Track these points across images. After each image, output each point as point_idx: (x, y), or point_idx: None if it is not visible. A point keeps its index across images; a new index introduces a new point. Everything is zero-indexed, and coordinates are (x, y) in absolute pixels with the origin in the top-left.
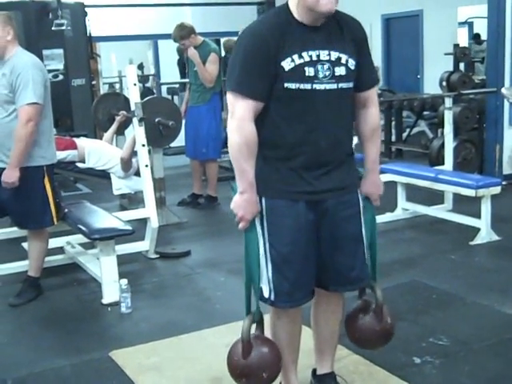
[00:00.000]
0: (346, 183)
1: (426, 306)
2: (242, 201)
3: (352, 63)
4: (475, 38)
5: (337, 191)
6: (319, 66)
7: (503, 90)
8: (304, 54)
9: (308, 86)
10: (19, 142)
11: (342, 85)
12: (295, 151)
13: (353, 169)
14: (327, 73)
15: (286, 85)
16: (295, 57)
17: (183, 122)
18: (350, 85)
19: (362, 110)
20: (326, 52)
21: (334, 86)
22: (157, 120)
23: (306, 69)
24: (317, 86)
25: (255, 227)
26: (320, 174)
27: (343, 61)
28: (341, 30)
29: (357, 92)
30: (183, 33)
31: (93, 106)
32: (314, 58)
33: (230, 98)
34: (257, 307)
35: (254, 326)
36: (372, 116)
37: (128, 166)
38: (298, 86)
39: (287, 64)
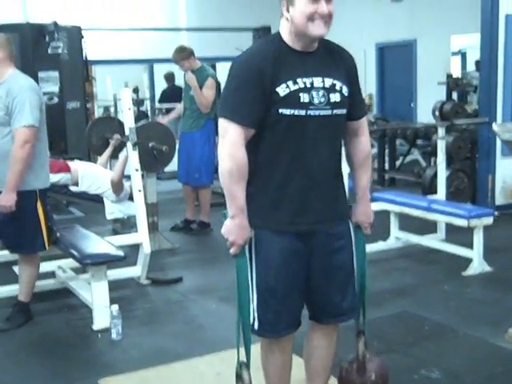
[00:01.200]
0: (337, 214)
1: (418, 338)
2: (233, 226)
3: (346, 90)
4: (476, 65)
5: (327, 223)
6: (314, 93)
7: (494, 127)
8: (298, 80)
9: (302, 112)
10: (16, 164)
11: (337, 111)
12: (288, 176)
13: (343, 198)
14: (322, 99)
15: (280, 110)
16: (290, 83)
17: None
18: (344, 111)
19: (353, 139)
20: (320, 79)
21: (329, 112)
22: (150, 145)
23: (301, 95)
24: (311, 112)
25: (245, 254)
26: (310, 205)
27: (337, 87)
28: (333, 58)
29: (349, 121)
30: (183, 54)
31: (87, 130)
32: (308, 85)
33: (222, 123)
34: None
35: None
36: (363, 144)
37: (119, 188)
38: (292, 111)
39: (282, 90)
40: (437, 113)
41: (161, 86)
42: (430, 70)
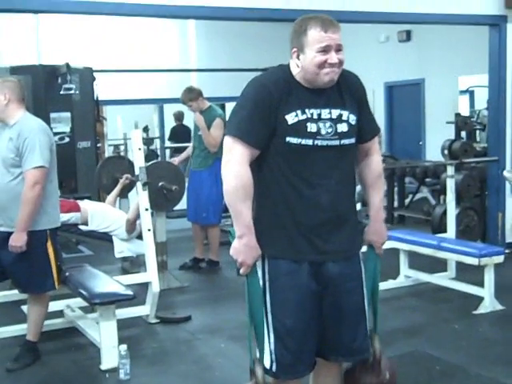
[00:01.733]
0: (350, 248)
1: (429, 378)
2: (241, 245)
3: (353, 119)
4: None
5: (340, 253)
6: (321, 124)
7: (505, 173)
8: (306, 110)
9: (310, 142)
10: (26, 205)
11: (345, 141)
12: (297, 206)
13: (356, 231)
14: (329, 130)
15: (287, 139)
16: (299, 112)
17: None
18: (352, 140)
19: (364, 158)
20: (327, 111)
21: (337, 143)
22: (160, 184)
23: (309, 124)
24: (319, 143)
25: (257, 272)
26: (322, 233)
27: (344, 117)
28: (340, 88)
29: (359, 144)
30: (192, 95)
31: (97, 169)
32: (315, 117)
33: (228, 142)
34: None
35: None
36: (375, 163)
37: (133, 227)
38: (299, 141)
39: (291, 118)
40: (446, 151)
41: (170, 125)
42: (439, 109)
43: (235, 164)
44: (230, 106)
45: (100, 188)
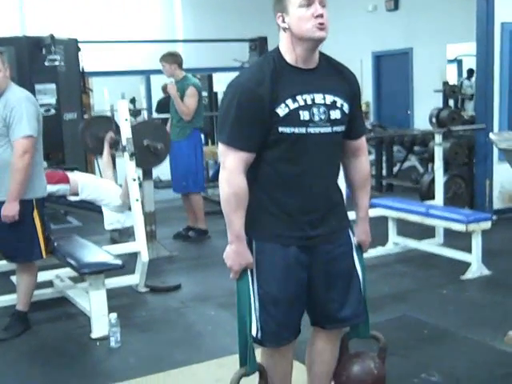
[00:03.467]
0: (338, 226)
1: (418, 342)
2: (231, 251)
3: (346, 107)
4: (469, 73)
5: (329, 236)
6: (315, 110)
7: (491, 136)
8: (298, 97)
9: (303, 130)
10: (17, 174)
11: (336, 128)
12: (288, 194)
13: (343, 215)
14: (323, 116)
15: (280, 129)
16: (289, 102)
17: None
18: (343, 128)
19: (352, 159)
20: (321, 96)
21: (329, 130)
22: (146, 143)
23: (301, 113)
24: (311, 130)
25: (247, 277)
26: (312, 219)
27: (338, 104)
28: (335, 75)
29: (348, 140)
30: (168, 57)
31: (79, 131)
32: (309, 102)
33: (222, 149)
34: (251, 358)
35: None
36: (363, 164)
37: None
38: (292, 130)
39: (281, 110)
40: (434, 120)
41: (157, 96)
42: (426, 78)
43: (229, 173)
44: (216, 77)
45: (86, 150)
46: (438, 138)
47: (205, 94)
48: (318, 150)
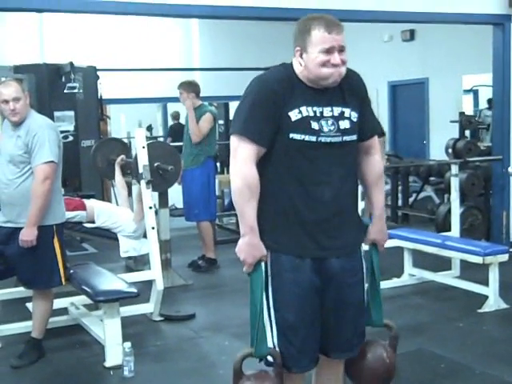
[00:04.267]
0: (352, 244)
1: (434, 376)
2: (244, 244)
3: (355, 116)
4: (489, 102)
5: (343, 249)
6: (323, 122)
7: (510, 170)
8: (309, 108)
9: (313, 139)
10: (37, 200)
11: (346, 138)
12: (300, 203)
13: (357, 224)
14: (332, 127)
15: (291, 135)
16: (303, 109)
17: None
18: (354, 137)
19: (365, 158)
20: (329, 108)
21: (339, 139)
22: (156, 164)
23: (312, 122)
24: (322, 139)
25: (261, 270)
26: (326, 229)
27: (346, 114)
28: (342, 86)
29: (360, 141)
30: (186, 86)
31: (91, 153)
32: (318, 114)
33: (234, 140)
34: (259, 340)
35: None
36: (376, 163)
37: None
38: (303, 137)
39: (294, 115)
40: (450, 150)
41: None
42: (443, 108)
43: (241, 163)
44: (232, 105)
45: (98, 172)
46: (455, 169)
47: (221, 121)
48: (329, 160)
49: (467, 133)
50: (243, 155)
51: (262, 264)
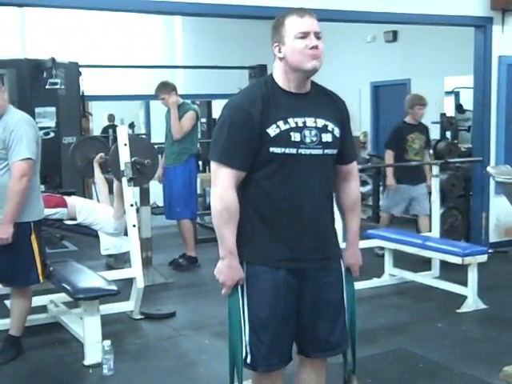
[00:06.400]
0: (328, 253)
1: (413, 376)
2: (223, 267)
3: (337, 131)
4: (458, 108)
5: (318, 262)
6: (306, 132)
7: (489, 169)
8: (290, 120)
9: (293, 151)
10: (14, 197)
11: (328, 151)
12: (278, 215)
13: (334, 237)
14: (314, 138)
15: (271, 149)
16: (280, 123)
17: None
18: (335, 152)
19: (342, 183)
20: (313, 119)
21: (320, 152)
22: (133, 159)
23: (292, 134)
24: (302, 151)
25: (237, 293)
26: (302, 241)
27: (329, 128)
28: (326, 101)
29: (339, 165)
30: (164, 89)
31: (70, 151)
32: (300, 125)
33: (213, 167)
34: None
35: None
36: (353, 188)
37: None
38: (283, 150)
39: (272, 130)
40: (431, 151)
41: (156, 122)
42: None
43: (221, 189)
44: (215, 104)
45: (76, 171)
46: (435, 170)
47: (204, 120)
48: (310, 172)
49: (448, 134)
50: (223, 181)
51: (239, 294)
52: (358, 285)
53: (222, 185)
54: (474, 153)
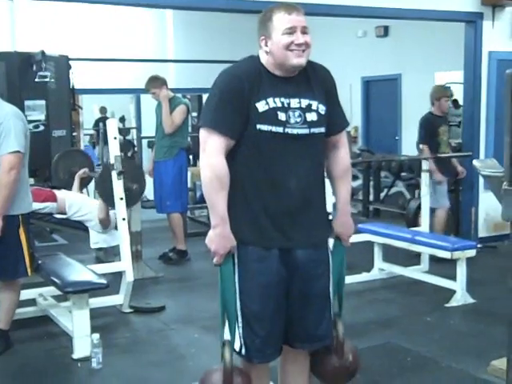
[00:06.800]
0: (318, 235)
1: (401, 369)
2: (215, 235)
3: (322, 109)
4: (454, 102)
5: (308, 240)
6: (290, 113)
7: (475, 162)
8: (276, 99)
9: (280, 130)
10: (2, 190)
11: (314, 130)
12: (267, 193)
13: (323, 216)
14: (298, 119)
15: (258, 126)
16: (270, 100)
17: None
18: (322, 129)
19: (332, 152)
20: (297, 100)
21: (306, 131)
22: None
23: (279, 113)
24: (289, 131)
25: (230, 261)
26: (292, 220)
27: (314, 107)
28: (310, 78)
29: (327, 136)
30: (155, 83)
31: (53, 163)
32: (286, 105)
33: (203, 133)
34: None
35: None
36: (342, 157)
37: (107, 223)
38: (270, 128)
39: (261, 106)
40: (421, 146)
41: (147, 116)
42: (415, 104)
43: (210, 155)
44: (206, 97)
45: (57, 183)
46: (425, 165)
47: (194, 114)
48: (297, 151)
49: None
50: (212, 147)
51: (231, 255)
52: (348, 279)
53: (211, 151)
54: (463, 148)
